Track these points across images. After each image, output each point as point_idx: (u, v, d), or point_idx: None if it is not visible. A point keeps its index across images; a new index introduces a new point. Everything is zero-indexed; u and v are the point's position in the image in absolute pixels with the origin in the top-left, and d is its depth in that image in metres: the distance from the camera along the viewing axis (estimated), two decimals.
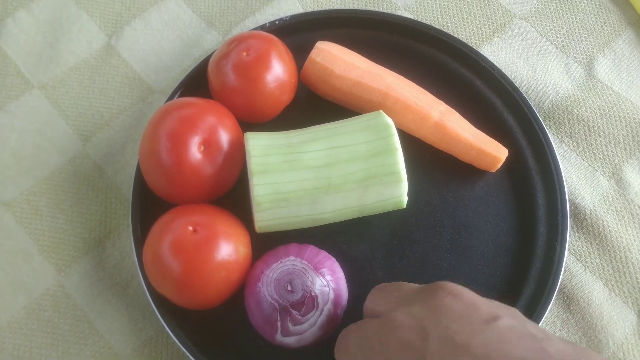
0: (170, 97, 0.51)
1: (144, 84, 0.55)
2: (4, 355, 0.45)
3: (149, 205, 0.47)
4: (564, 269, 0.47)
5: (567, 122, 0.54)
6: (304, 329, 0.40)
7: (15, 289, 0.47)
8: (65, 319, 0.47)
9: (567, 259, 0.48)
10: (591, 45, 0.58)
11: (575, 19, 0.59)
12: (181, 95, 0.51)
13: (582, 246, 0.49)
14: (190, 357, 0.43)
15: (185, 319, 0.44)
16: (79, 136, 0.53)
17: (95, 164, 0.52)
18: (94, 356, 0.45)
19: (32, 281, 0.48)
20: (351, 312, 0.42)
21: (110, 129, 0.53)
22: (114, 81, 0.55)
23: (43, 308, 0.47)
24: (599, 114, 0.54)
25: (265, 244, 0.44)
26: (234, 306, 0.43)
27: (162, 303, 0.44)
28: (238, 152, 0.45)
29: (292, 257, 0.42)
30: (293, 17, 0.55)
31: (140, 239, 0.46)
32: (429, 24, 0.56)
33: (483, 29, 0.58)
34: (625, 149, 0.53)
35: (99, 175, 0.51)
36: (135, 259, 0.46)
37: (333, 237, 0.47)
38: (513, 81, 0.53)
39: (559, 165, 0.50)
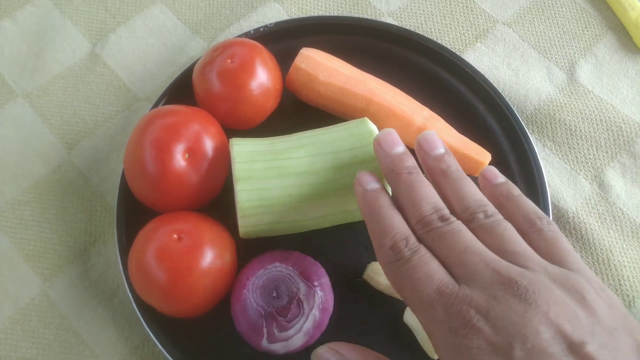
0: (156, 105, 0.51)
1: (129, 92, 0.55)
2: None
3: (134, 213, 0.47)
4: None
5: (549, 126, 0.54)
6: (290, 335, 0.41)
7: (0, 299, 0.47)
8: (50, 328, 0.46)
9: None
10: (573, 50, 0.59)
11: (557, 24, 0.60)
12: (166, 103, 0.51)
13: None
14: None
15: (171, 327, 0.44)
16: (63, 144, 0.53)
17: (80, 173, 0.52)
18: None
19: (17, 290, 0.47)
20: (337, 318, 0.43)
21: (95, 136, 0.53)
22: (99, 89, 0.55)
23: (28, 318, 0.47)
24: (580, 117, 0.55)
25: (251, 251, 0.44)
26: (220, 313, 0.43)
27: (148, 311, 0.44)
28: (223, 159, 0.45)
29: (278, 264, 0.42)
30: (277, 24, 0.55)
31: (125, 248, 0.46)
32: (412, 30, 0.56)
33: (466, 35, 0.59)
34: (607, 152, 0.53)
35: (84, 183, 0.51)
36: (121, 267, 0.46)
37: (318, 243, 0.47)
38: (496, 86, 0.54)
39: (541, 169, 0.50)
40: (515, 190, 0.37)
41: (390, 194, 0.39)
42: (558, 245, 0.33)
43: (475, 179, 0.50)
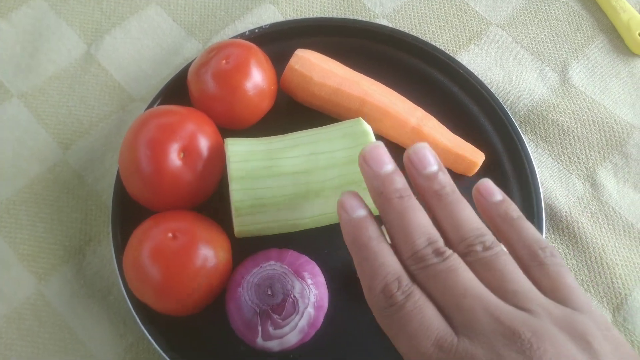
0: (151, 105, 0.51)
1: (123, 92, 0.55)
2: None
3: (129, 212, 0.47)
4: None
5: (542, 127, 0.55)
6: (285, 333, 0.41)
7: None
8: (45, 327, 0.46)
9: None
10: (565, 51, 0.59)
11: (550, 26, 0.61)
12: (161, 103, 0.52)
13: (558, 247, 0.50)
14: None
15: (166, 325, 0.44)
16: (58, 144, 0.53)
17: (75, 172, 0.52)
18: None
19: (12, 290, 0.47)
20: (331, 315, 0.43)
21: (90, 137, 0.53)
22: (94, 89, 0.55)
23: (23, 317, 0.47)
24: (573, 118, 0.55)
25: (245, 250, 0.45)
26: (215, 312, 0.43)
27: (143, 310, 0.44)
28: (218, 159, 0.45)
29: (273, 262, 0.43)
30: (272, 25, 0.56)
31: (120, 246, 0.46)
32: (406, 32, 0.57)
33: (460, 37, 0.60)
34: (599, 153, 0.54)
35: (79, 183, 0.51)
36: (116, 266, 0.46)
37: (312, 242, 0.47)
38: (489, 87, 0.54)
39: (534, 169, 0.51)
40: (515, 212, 0.34)
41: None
42: (562, 281, 0.31)
43: (469, 180, 0.51)
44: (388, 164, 0.35)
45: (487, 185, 0.36)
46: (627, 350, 0.29)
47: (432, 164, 0.35)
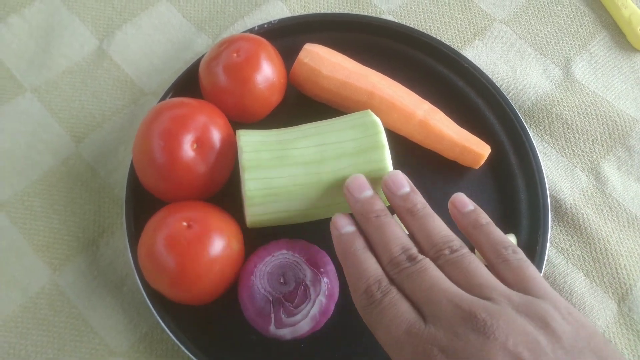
0: (162, 99, 0.52)
1: (135, 87, 0.56)
2: (0, 354, 0.46)
3: (142, 204, 0.47)
4: (547, 261, 0.49)
5: (546, 121, 0.56)
6: (297, 320, 0.42)
7: (9, 288, 0.48)
8: (60, 316, 0.47)
9: (549, 251, 0.50)
10: (568, 47, 0.60)
11: (553, 22, 0.62)
12: (172, 97, 0.52)
13: (563, 239, 0.51)
14: (186, 351, 0.44)
15: (179, 314, 0.45)
16: (71, 138, 0.54)
17: (88, 165, 0.53)
18: (89, 353, 0.46)
19: (27, 280, 0.48)
20: (342, 304, 0.44)
21: (103, 130, 0.54)
22: (106, 84, 0.56)
23: (38, 306, 0.47)
24: (577, 112, 0.56)
25: (256, 241, 0.45)
26: (228, 301, 0.44)
27: (157, 299, 0.45)
28: (230, 150, 0.46)
29: (285, 251, 0.43)
30: (281, 21, 0.57)
31: (134, 237, 0.47)
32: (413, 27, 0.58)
33: (465, 32, 0.60)
34: (602, 146, 0.55)
35: (92, 175, 0.52)
36: (130, 256, 0.46)
37: (323, 232, 0.48)
38: (494, 81, 0.55)
39: (539, 162, 0.51)
40: (483, 219, 0.39)
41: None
42: (523, 273, 0.35)
43: (475, 172, 0.52)
44: (367, 191, 0.41)
45: (460, 198, 0.41)
46: (589, 332, 0.32)
47: (405, 186, 0.41)
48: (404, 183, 0.41)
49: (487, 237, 0.38)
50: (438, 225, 0.38)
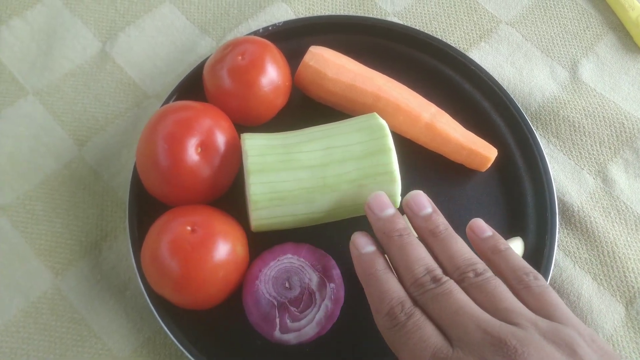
0: (166, 102, 0.52)
1: (138, 90, 0.56)
2: (2, 359, 0.45)
3: (145, 208, 0.47)
4: (554, 264, 0.48)
5: (553, 123, 0.55)
6: (303, 325, 0.41)
7: (11, 293, 0.47)
8: (62, 321, 0.47)
9: (557, 254, 0.49)
10: (575, 49, 0.60)
11: (559, 24, 0.61)
12: (176, 100, 0.52)
13: (570, 242, 0.50)
14: (189, 356, 0.43)
15: (183, 319, 0.45)
16: (74, 141, 0.53)
17: (91, 169, 0.52)
18: (92, 358, 0.46)
19: (29, 284, 0.48)
20: (348, 309, 0.43)
21: (106, 133, 0.54)
22: (109, 87, 0.56)
23: (40, 311, 0.47)
24: (584, 114, 0.56)
25: (261, 245, 0.45)
26: (232, 306, 0.44)
27: (160, 303, 0.44)
28: (234, 154, 0.46)
29: (290, 255, 0.43)
30: (285, 23, 0.56)
31: (137, 241, 0.46)
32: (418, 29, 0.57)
33: (470, 34, 0.60)
34: (609, 148, 0.54)
35: (95, 179, 0.52)
36: (133, 260, 0.46)
37: (328, 237, 0.48)
38: (500, 84, 0.55)
39: (547, 165, 0.51)
40: (502, 245, 0.39)
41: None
42: (546, 299, 0.35)
43: (482, 175, 0.51)
44: (389, 209, 0.41)
45: (478, 223, 0.41)
46: (612, 357, 0.32)
47: (427, 206, 0.41)
48: (425, 204, 0.41)
49: (507, 263, 0.38)
50: (461, 248, 0.38)
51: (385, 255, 0.40)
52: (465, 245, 0.38)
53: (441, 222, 0.40)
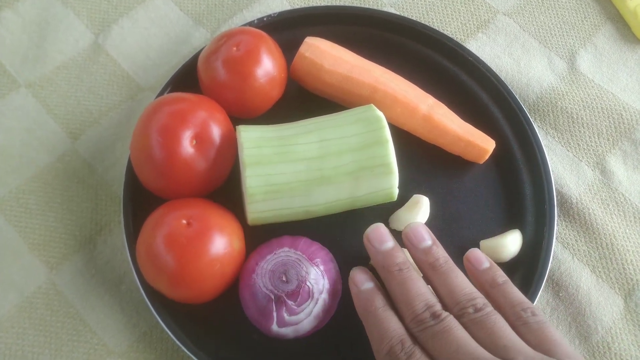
0: (160, 94, 0.51)
1: (132, 82, 0.55)
2: None
3: (140, 201, 0.47)
4: (553, 257, 0.48)
5: (551, 114, 0.55)
6: (300, 319, 0.41)
7: (5, 288, 0.47)
8: (57, 316, 0.46)
9: (555, 246, 0.49)
10: (573, 39, 0.59)
11: (557, 14, 0.61)
12: (171, 92, 0.51)
13: (569, 234, 0.50)
14: (186, 350, 0.43)
15: (179, 313, 0.44)
16: (67, 134, 0.53)
17: (85, 162, 0.52)
18: (87, 353, 0.45)
19: (23, 279, 0.47)
20: (345, 302, 0.43)
21: (100, 126, 0.53)
22: (102, 79, 0.55)
23: (35, 306, 0.47)
24: (582, 106, 0.55)
25: (257, 238, 0.45)
26: (229, 299, 0.43)
27: (156, 297, 0.44)
28: (230, 146, 0.45)
29: (286, 248, 0.43)
30: (281, 13, 0.56)
31: (132, 235, 0.46)
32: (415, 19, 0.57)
33: (467, 25, 0.59)
34: (608, 140, 0.54)
35: (89, 172, 0.51)
36: (128, 254, 0.46)
37: (325, 230, 0.47)
38: (498, 75, 0.54)
39: (545, 156, 0.51)
40: (500, 278, 0.39)
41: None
42: (544, 335, 0.35)
43: (479, 167, 0.51)
44: (388, 242, 0.41)
45: (475, 254, 0.41)
46: None
47: (427, 239, 0.41)
48: (425, 236, 0.41)
49: (505, 298, 0.38)
50: (461, 282, 0.38)
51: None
52: (466, 279, 0.39)
53: (441, 255, 0.40)
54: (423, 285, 0.38)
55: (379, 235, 0.41)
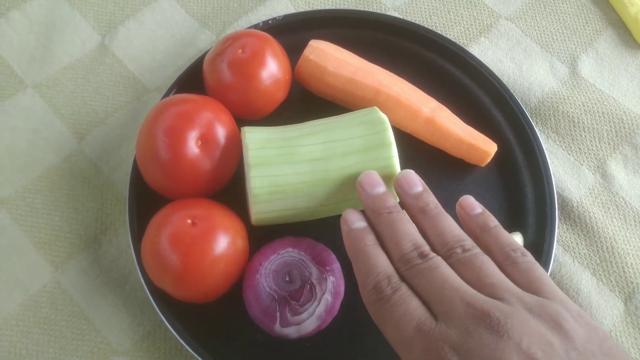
0: (166, 95, 0.51)
1: (138, 83, 0.56)
2: (1, 352, 0.45)
3: (145, 201, 0.47)
4: (553, 260, 0.48)
5: (552, 118, 0.55)
6: (303, 319, 0.41)
7: (11, 286, 0.47)
8: (62, 315, 0.47)
9: (556, 249, 0.49)
10: (574, 44, 0.60)
11: (559, 19, 0.61)
12: (176, 93, 0.52)
13: (570, 237, 0.50)
14: (190, 350, 0.43)
15: (183, 312, 0.45)
16: (74, 134, 0.53)
17: (91, 162, 0.52)
18: (91, 352, 0.45)
19: (28, 278, 0.48)
20: (348, 303, 0.43)
21: (106, 127, 0.54)
22: (109, 80, 0.56)
23: (40, 305, 0.47)
24: (583, 110, 0.56)
25: (261, 239, 0.45)
26: (232, 299, 0.44)
27: (160, 297, 0.44)
28: (234, 147, 0.46)
29: (290, 249, 0.43)
30: (286, 16, 0.56)
31: (137, 235, 0.46)
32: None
33: (470, 29, 0.60)
34: (609, 144, 0.54)
35: (95, 172, 0.52)
36: (133, 254, 0.46)
37: (329, 231, 0.48)
38: (500, 79, 0.55)
39: (546, 160, 0.51)
40: (491, 222, 0.39)
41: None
42: (533, 275, 0.35)
43: (481, 170, 0.51)
44: (380, 187, 0.41)
45: (468, 200, 0.41)
46: (600, 335, 0.31)
47: (418, 185, 0.41)
48: (416, 182, 0.41)
49: (496, 240, 0.37)
50: (450, 225, 0.38)
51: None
52: (455, 223, 0.38)
53: (431, 200, 0.40)
54: (412, 227, 0.38)
55: (371, 180, 0.41)
